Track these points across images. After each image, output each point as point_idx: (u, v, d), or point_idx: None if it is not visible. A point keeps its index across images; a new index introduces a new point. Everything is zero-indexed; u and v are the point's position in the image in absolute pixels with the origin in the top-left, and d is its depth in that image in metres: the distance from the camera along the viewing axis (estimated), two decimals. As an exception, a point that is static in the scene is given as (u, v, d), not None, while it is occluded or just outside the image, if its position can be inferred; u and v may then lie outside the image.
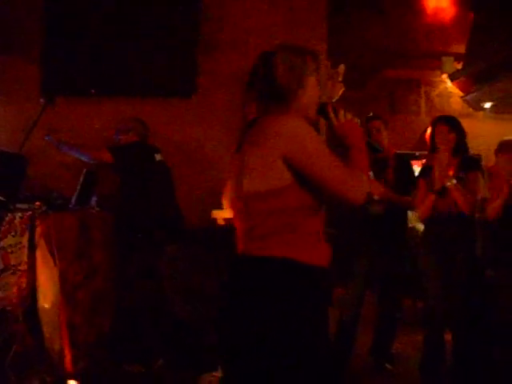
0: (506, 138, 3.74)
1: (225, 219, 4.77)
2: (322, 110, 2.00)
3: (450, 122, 3.59)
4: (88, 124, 5.05)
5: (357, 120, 2.01)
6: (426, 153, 3.90)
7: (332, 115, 1.98)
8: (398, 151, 4.36)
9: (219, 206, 4.91)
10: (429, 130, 3.65)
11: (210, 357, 3.61)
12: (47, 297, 3.67)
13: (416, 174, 4.10)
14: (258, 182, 1.77)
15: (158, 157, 4.33)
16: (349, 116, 2.00)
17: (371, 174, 3.86)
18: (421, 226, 4.06)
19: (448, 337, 3.67)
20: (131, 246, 4.01)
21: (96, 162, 4.20)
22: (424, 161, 4.08)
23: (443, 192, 3.48)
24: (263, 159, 1.76)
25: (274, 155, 1.75)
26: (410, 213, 4.30)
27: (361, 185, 1.82)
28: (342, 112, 1.99)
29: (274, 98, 1.88)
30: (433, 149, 3.60)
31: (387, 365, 4.08)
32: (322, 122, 2.05)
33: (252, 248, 1.79)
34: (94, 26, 5.11)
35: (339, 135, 1.95)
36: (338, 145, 1.95)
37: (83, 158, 4.22)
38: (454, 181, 3.40)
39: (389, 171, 4.01)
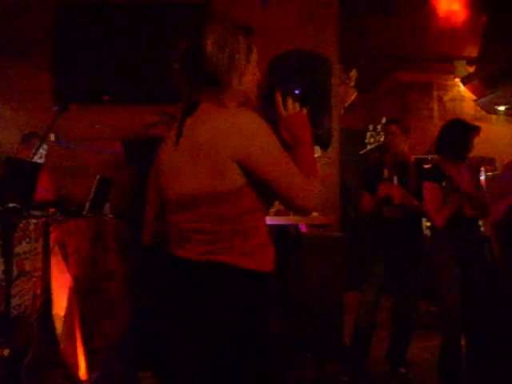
0: None
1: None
2: (269, 95, 1.78)
3: None
4: (100, 131, 5.07)
5: (305, 112, 1.81)
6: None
7: (280, 103, 1.78)
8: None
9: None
10: None
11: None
12: (61, 303, 3.67)
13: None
14: (207, 183, 1.60)
15: None
16: (297, 107, 1.80)
17: (395, 178, 3.83)
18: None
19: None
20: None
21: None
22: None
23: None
24: (210, 159, 1.59)
25: (223, 156, 1.57)
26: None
27: (314, 192, 1.69)
28: (290, 101, 1.78)
29: (204, 82, 1.67)
30: None
31: (402, 369, 4.04)
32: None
33: (200, 251, 1.67)
34: (105, 34, 5.13)
35: (287, 128, 1.76)
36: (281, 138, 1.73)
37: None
38: None
39: (411, 177, 3.95)
